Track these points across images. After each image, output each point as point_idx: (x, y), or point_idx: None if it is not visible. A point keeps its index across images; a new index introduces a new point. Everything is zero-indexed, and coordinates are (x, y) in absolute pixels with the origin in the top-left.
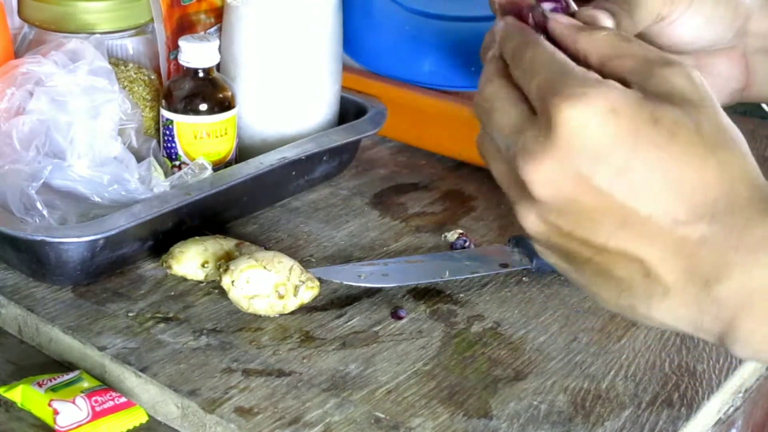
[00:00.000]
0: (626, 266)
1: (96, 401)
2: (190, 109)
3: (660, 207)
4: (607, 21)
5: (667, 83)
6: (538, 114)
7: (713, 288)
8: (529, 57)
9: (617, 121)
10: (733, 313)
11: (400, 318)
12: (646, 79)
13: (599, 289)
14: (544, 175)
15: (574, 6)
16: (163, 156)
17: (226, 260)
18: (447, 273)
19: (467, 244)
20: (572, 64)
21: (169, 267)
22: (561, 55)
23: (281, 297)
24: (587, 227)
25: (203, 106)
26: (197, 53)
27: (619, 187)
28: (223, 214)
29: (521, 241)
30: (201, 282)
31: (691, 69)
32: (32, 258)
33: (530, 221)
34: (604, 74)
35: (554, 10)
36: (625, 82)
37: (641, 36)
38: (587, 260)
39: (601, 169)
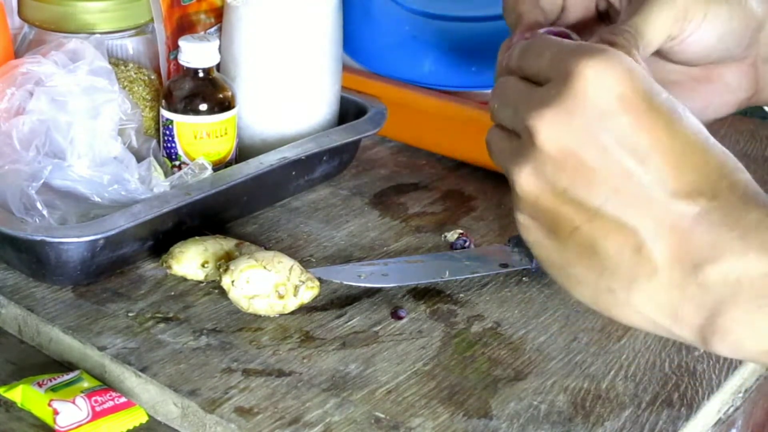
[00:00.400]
0: (616, 238)
1: (96, 401)
2: (190, 109)
3: (659, 177)
4: None
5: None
6: (552, 81)
7: (702, 270)
8: (538, 44)
9: (633, 83)
10: (718, 299)
11: (400, 318)
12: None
13: (580, 268)
14: (552, 123)
15: (576, 37)
16: (163, 156)
17: (226, 260)
18: (447, 273)
19: (467, 244)
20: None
21: (169, 267)
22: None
23: (281, 297)
24: (584, 186)
25: (203, 106)
26: (197, 53)
27: (625, 149)
28: (223, 214)
29: (521, 241)
30: (201, 282)
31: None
32: (32, 258)
33: (524, 176)
34: None
35: (559, 34)
36: None
37: (654, 56)
38: (574, 230)
39: (610, 127)
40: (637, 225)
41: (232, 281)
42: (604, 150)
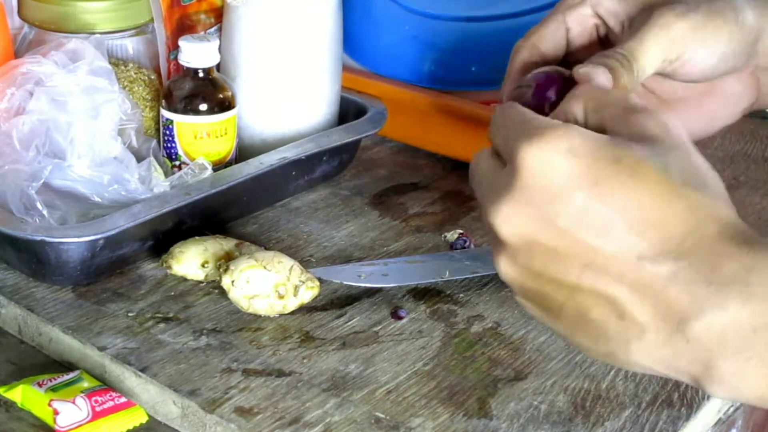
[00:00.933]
0: (600, 308)
1: (96, 401)
2: (190, 109)
3: (623, 244)
4: (601, 77)
5: (640, 127)
6: (507, 165)
7: (686, 327)
8: (500, 118)
9: (576, 161)
10: (707, 353)
11: (400, 318)
12: (622, 125)
13: (579, 337)
14: (507, 217)
15: (564, 71)
16: (163, 156)
17: (226, 260)
18: (447, 273)
19: (467, 244)
20: (536, 115)
21: (169, 267)
22: (530, 112)
23: (281, 297)
24: (556, 267)
25: (203, 106)
26: (197, 53)
27: (581, 226)
28: (223, 214)
29: None
30: (201, 282)
31: (670, 119)
32: (32, 258)
33: (502, 265)
34: (588, 127)
35: (546, 77)
36: (604, 131)
37: (659, 76)
38: (562, 304)
39: (562, 208)
40: (614, 293)
41: (232, 281)
42: (562, 231)
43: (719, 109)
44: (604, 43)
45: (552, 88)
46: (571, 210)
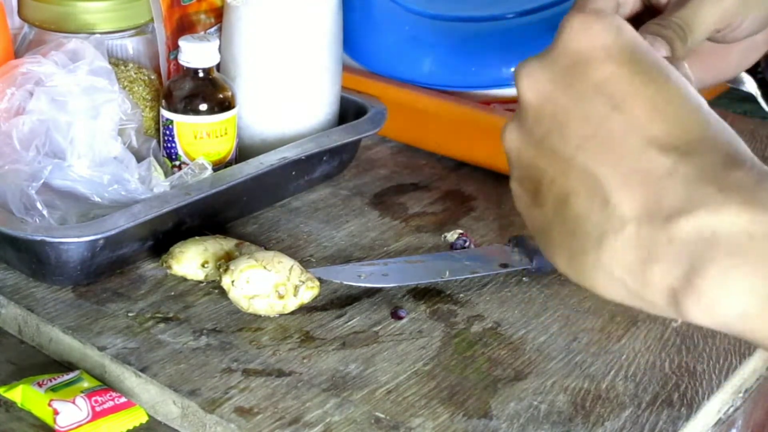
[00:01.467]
0: (585, 191)
1: (96, 401)
2: (190, 109)
3: (635, 125)
4: (662, 49)
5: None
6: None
7: (675, 223)
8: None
9: (619, 37)
10: (691, 256)
11: (400, 318)
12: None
13: (557, 232)
14: (533, 71)
15: None
16: (163, 156)
17: (226, 260)
18: (447, 273)
19: (467, 244)
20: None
21: (169, 267)
22: None
23: (281, 297)
24: (558, 133)
25: (203, 106)
26: (197, 53)
27: (600, 95)
28: (223, 214)
29: (521, 241)
30: (201, 282)
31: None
32: (32, 258)
33: (508, 132)
34: None
35: None
36: None
37: None
38: (551, 184)
39: (588, 74)
40: (605, 175)
41: (232, 281)
42: (579, 95)
43: (752, 48)
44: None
45: None
46: (597, 77)
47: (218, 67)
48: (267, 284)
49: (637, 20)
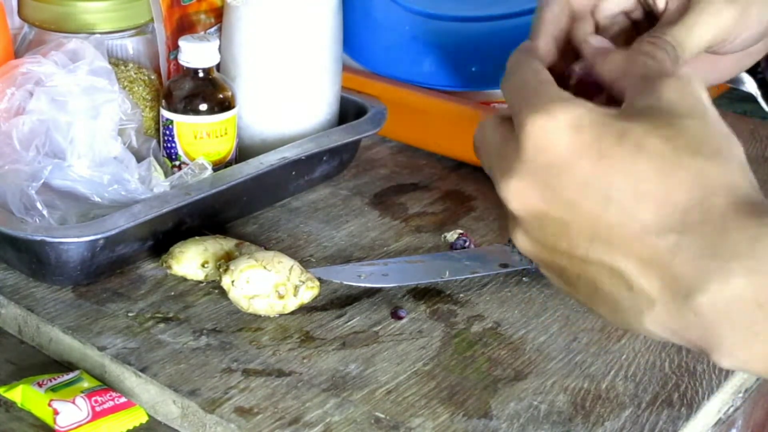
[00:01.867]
0: (610, 280)
1: (96, 401)
2: (190, 109)
3: (627, 216)
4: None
5: (654, 97)
6: (514, 134)
7: (693, 300)
8: (516, 77)
9: (580, 136)
10: (714, 326)
11: (400, 318)
12: (637, 94)
13: (596, 306)
14: (516, 192)
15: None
16: (163, 156)
17: (226, 260)
18: (447, 273)
19: (467, 244)
20: (552, 84)
21: (169, 267)
22: (544, 75)
23: (281, 297)
24: (565, 240)
25: (203, 106)
26: (197, 53)
27: (586, 198)
28: (223, 214)
29: None
30: (201, 282)
31: (690, 81)
32: (32, 258)
33: (518, 239)
34: (614, 95)
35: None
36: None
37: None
38: (577, 276)
39: (567, 181)
40: (621, 266)
41: (232, 281)
42: (568, 203)
43: (745, 55)
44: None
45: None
46: (575, 182)
47: (218, 67)
48: (267, 284)
49: (634, 24)
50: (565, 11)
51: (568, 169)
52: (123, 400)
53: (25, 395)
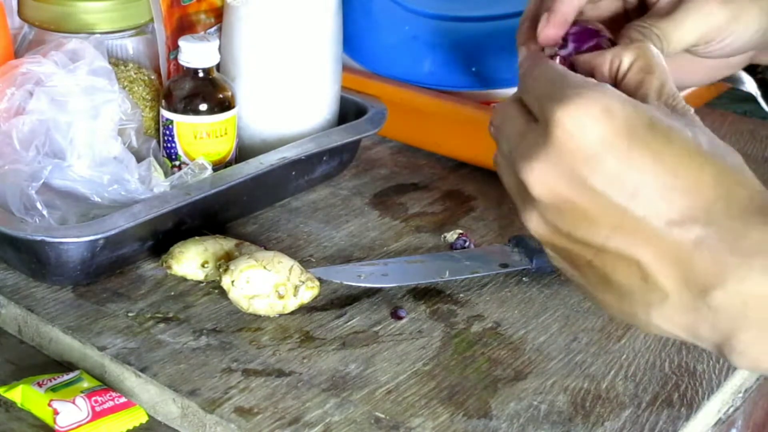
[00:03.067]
0: (624, 269)
1: (96, 401)
2: (190, 109)
3: (654, 208)
4: (631, 53)
5: (673, 98)
6: (538, 121)
7: (709, 295)
8: (534, 74)
9: (611, 122)
10: (729, 322)
11: (400, 318)
12: (658, 93)
13: (603, 295)
14: (541, 176)
15: (606, 33)
16: (163, 156)
17: (226, 260)
18: (447, 273)
19: (467, 244)
20: (572, 73)
21: (169, 267)
22: (563, 68)
23: (281, 297)
24: (585, 227)
25: (203, 106)
26: (197, 53)
27: (613, 188)
28: (223, 214)
29: (521, 241)
30: (201, 282)
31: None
32: (32, 258)
33: (533, 223)
34: (626, 81)
35: (585, 31)
36: (637, 92)
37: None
38: (588, 263)
39: (595, 170)
40: (639, 257)
41: (232, 281)
42: (594, 192)
43: (718, 65)
44: None
45: (589, 43)
46: (604, 172)
47: (218, 67)
48: (267, 284)
49: (625, 13)
50: None
51: (598, 158)
52: (123, 400)
53: (25, 395)
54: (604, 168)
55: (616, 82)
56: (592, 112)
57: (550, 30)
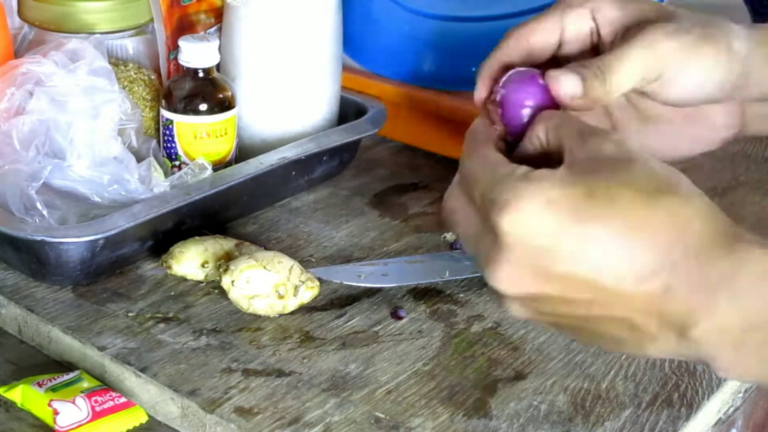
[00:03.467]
0: (612, 326)
1: (96, 401)
2: (190, 109)
3: (620, 274)
4: (571, 84)
5: (597, 147)
6: (487, 222)
7: (689, 332)
8: (469, 167)
9: (554, 212)
10: (712, 351)
11: (400, 318)
12: (578, 146)
13: (597, 344)
14: (506, 280)
15: (539, 73)
16: (163, 156)
17: (226, 260)
18: (447, 273)
19: None
20: (502, 166)
21: (169, 267)
22: (494, 157)
23: (281, 297)
24: (564, 307)
25: (203, 106)
26: (197, 53)
27: (578, 269)
28: (223, 214)
29: None
30: (201, 282)
31: (614, 135)
32: (32, 258)
33: (516, 311)
34: (549, 147)
35: (521, 80)
36: (562, 151)
37: (637, 93)
38: (579, 327)
39: (555, 259)
40: (622, 315)
41: (232, 281)
42: (561, 278)
43: (701, 134)
44: (596, 52)
45: (526, 91)
46: (564, 258)
47: (218, 67)
48: (267, 284)
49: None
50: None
51: (554, 249)
52: (123, 400)
53: (25, 395)
54: (563, 255)
55: (547, 152)
56: (534, 209)
57: (483, 74)
